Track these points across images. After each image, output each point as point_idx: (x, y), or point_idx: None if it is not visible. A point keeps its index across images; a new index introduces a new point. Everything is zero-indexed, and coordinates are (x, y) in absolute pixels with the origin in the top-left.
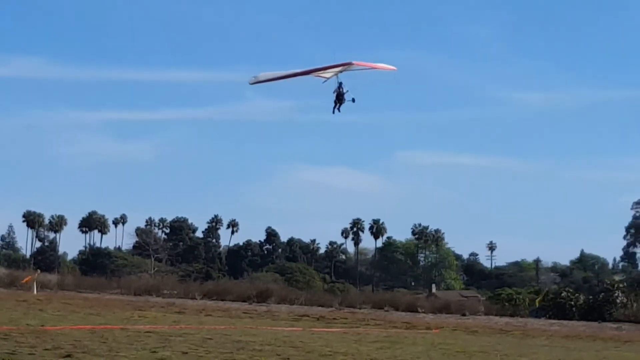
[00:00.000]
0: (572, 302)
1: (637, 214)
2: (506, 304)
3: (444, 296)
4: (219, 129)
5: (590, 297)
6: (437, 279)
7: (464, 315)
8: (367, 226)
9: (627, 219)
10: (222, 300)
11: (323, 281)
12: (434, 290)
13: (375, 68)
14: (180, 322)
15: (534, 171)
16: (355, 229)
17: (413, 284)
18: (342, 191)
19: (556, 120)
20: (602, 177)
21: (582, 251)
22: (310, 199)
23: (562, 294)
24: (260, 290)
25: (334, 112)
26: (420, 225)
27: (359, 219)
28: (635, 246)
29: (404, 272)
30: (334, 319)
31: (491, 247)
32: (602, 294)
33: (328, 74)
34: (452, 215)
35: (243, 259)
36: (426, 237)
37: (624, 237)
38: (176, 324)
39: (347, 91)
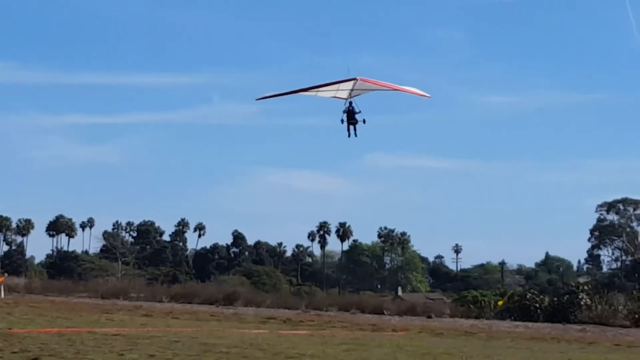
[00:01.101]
0: (537, 304)
1: (601, 217)
2: (471, 306)
3: (409, 298)
4: (186, 133)
5: (555, 299)
6: (403, 281)
7: (429, 317)
8: (333, 229)
9: (592, 221)
10: (189, 303)
11: (290, 284)
12: (399, 292)
13: (398, 90)
14: (147, 325)
15: (499, 174)
16: (321, 232)
17: (379, 286)
18: (309, 194)
19: (521, 123)
20: (567, 179)
21: (547, 253)
22: (277, 202)
23: (527, 296)
24: (227, 293)
25: (349, 136)
26: (386, 228)
27: (325, 222)
28: (599, 248)
29: (370, 274)
30: (301, 321)
31: (457, 250)
32: (567, 296)
33: (343, 94)
34: (418, 218)
35: (210, 262)
36: (392, 240)
37: (589, 240)
38: (143, 327)
39: (360, 112)
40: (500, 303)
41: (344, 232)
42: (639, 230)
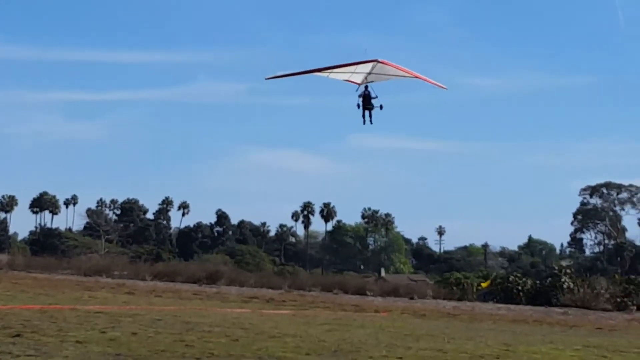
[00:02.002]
0: (520, 287)
1: (585, 200)
2: (454, 288)
3: (392, 280)
4: (171, 111)
5: (538, 281)
6: (386, 262)
7: (412, 298)
8: (317, 209)
9: (575, 204)
10: (172, 281)
11: (273, 264)
12: (383, 273)
13: (417, 77)
14: (130, 302)
15: (483, 156)
16: (305, 212)
17: (362, 267)
18: (293, 174)
19: (507, 105)
20: (551, 162)
21: (530, 236)
22: (261, 182)
23: (510, 279)
24: (210, 272)
25: (364, 123)
26: (370, 209)
27: (309, 202)
28: (582, 232)
29: (353, 255)
30: (283, 301)
31: (440, 232)
32: (549, 278)
33: (358, 77)
34: (402, 199)
35: (193, 240)
36: (376, 221)
37: (572, 223)
38: (126, 305)
39: (376, 96)
40: (484, 285)
41: (327, 213)
42: (622, 214)
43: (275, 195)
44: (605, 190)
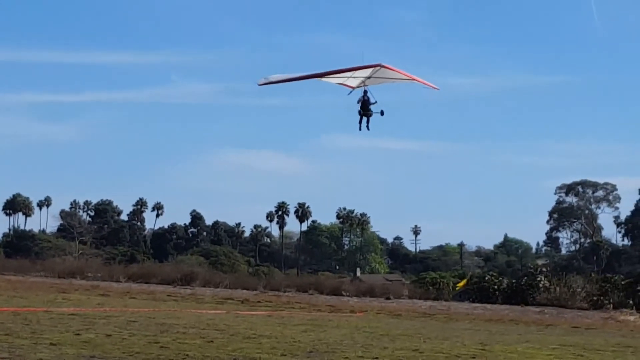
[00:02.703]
0: (496, 286)
1: (560, 199)
2: (430, 287)
3: (368, 280)
4: (145, 112)
5: (514, 281)
6: (361, 262)
7: (388, 298)
8: (292, 210)
9: (551, 203)
10: (147, 283)
11: (248, 264)
12: (358, 273)
13: (414, 80)
14: (104, 304)
15: (459, 155)
16: (280, 213)
17: (338, 267)
18: (268, 174)
19: (481, 104)
20: (526, 161)
21: (505, 235)
22: (236, 182)
23: (486, 278)
24: (184, 274)
25: (360, 129)
26: (345, 209)
27: (284, 203)
28: (558, 230)
29: (328, 255)
30: (259, 302)
31: (416, 231)
32: (525, 278)
33: (354, 81)
34: (377, 199)
35: (168, 242)
36: (351, 221)
37: (547, 222)
38: (100, 307)
39: (375, 102)
40: (460, 284)
41: (302, 213)
42: (598, 212)
43: (250, 196)
44: (581, 189)
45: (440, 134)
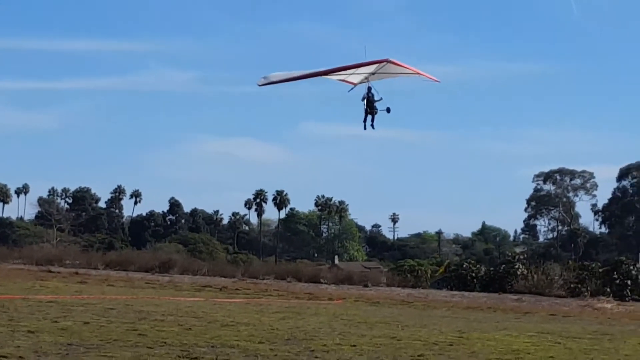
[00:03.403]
0: (474, 274)
1: (538, 187)
2: (408, 275)
3: (346, 267)
4: (123, 99)
5: (492, 268)
6: (339, 250)
7: (366, 286)
8: (270, 197)
9: (529, 191)
10: (125, 270)
11: (226, 252)
12: (336, 261)
13: (419, 74)
14: (82, 292)
15: (437, 143)
16: (258, 200)
17: (316, 255)
18: (246, 162)
19: (459, 92)
20: (505, 149)
21: (483, 223)
22: (214, 170)
23: (464, 266)
24: (162, 261)
25: (365, 128)
26: (323, 196)
27: (262, 190)
28: (536, 218)
29: (307, 243)
30: (237, 289)
31: (394, 219)
32: (503, 265)
33: (356, 78)
34: (355, 187)
35: (146, 229)
36: (329, 209)
37: (525, 210)
38: (78, 294)
39: (381, 99)
40: (441, 270)
41: (281, 201)
42: (575, 200)
43: (228, 184)
44: (558, 177)
45: (418, 122)
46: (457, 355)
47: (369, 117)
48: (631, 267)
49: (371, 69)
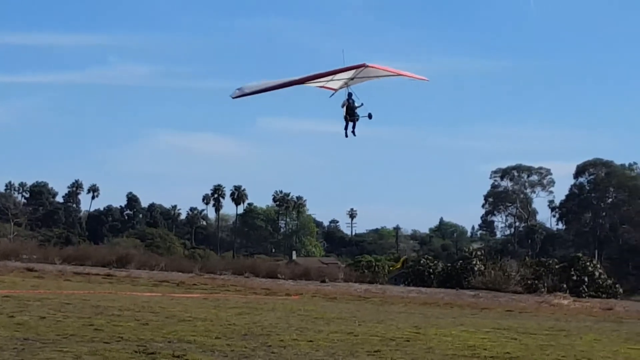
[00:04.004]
0: (431, 270)
1: (496, 183)
2: (365, 270)
3: (304, 263)
4: (82, 93)
5: (449, 264)
6: (297, 245)
7: (323, 282)
8: (228, 192)
9: (486, 187)
10: (82, 265)
11: (183, 247)
12: (294, 257)
13: (402, 75)
14: (39, 286)
15: (395, 139)
16: (216, 195)
17: (274, 250)
18: (204, 157)
19: (418, 88)
20: (462, 146)
21: (441, 219)
22: (172, 165)
23: (421, 262)
24: (120, 256)
25: (347, 135)
26: (281, 192)
27: (220, 185)
28: (493, 214)
29: (264, 238)
30: (194, 284)
31: (352, 215)
32: (460, 261)
33: (336, 83)
34: (313, 182)
35: (103, 224)
36: (287, 204)
37: (483, 206)
38: (35, 289)
39: (362, 104)
40: (397, 265)
41: (238, 196)
42: (533, 196)
43: (186, 179)
44: (515, 173)
45: (377, 118)
46: (413, 350)
47: (350, 124)
48: (587, 264)
49: (350, 74)
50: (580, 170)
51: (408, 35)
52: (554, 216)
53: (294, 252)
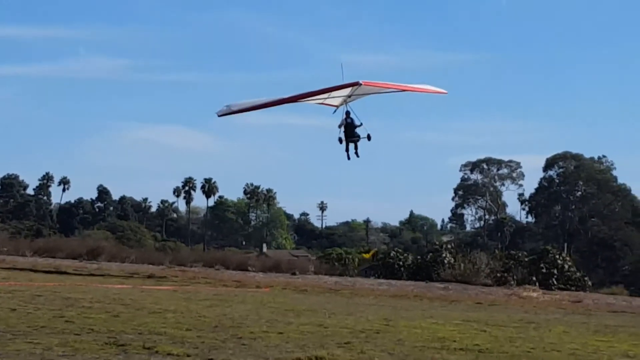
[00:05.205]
0: (401, 262)
1: (465, 176)
2: (336, 263)
3: (274, 255)
4: (52, 86)
5: (419, 257)
6: (268, 238)
7: (294, 274)
8: (199, 185)
9: (456, 180)
10: (53, 257)
11: (154, 239)
12: (264, 249)
13: (417, 91)
14: (9, 278)
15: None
16: (187, 188)
17: (244, 243)
18: (175, 150)
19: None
20: (432, 139)
21: (411, 212)
22: (143, 158)
23: (391, 254)
24: (91, 248)
25: (349, 157)
26: (252, 184)
27: (190, 178)
28: (463, 207)
29: (235, 231)
30: (164, 277)
31: (322, 207)
32: (430, 254)
33: (335, 100)
34: (283, 175)
35: (74, 216)
36: (258, 197)
37: (452, 199)
38: (5, 281)
39: (361, 124)
40: (366, 255)
41: (209, 188)
42: (502, 189)
43: (157, 171)
44: (485, 166)
45: None
46: (383, 342)
47: (351, 145)
48: (557, 257)
49: (346, 91)
50: (549, 164)
51: (380, 29)
52: (524, 209)
53: (264, 245)
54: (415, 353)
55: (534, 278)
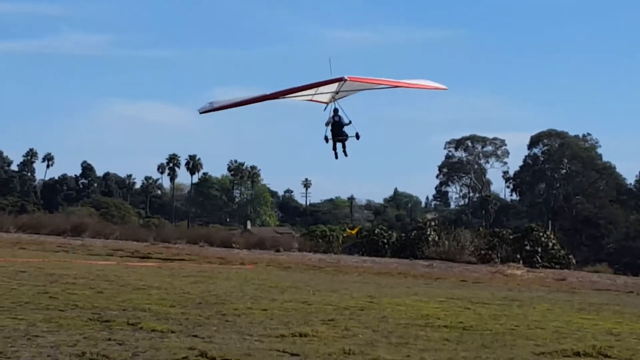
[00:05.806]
0: (385, 240)
1: (450, 154)
2: (320, 240)
3: (258, 232)
4: (35, 63)
5: (403, 234)
6: (252, 215)
7: (278, 251)
8: (183, 162)
9: (440, 158)
10: (37, 233)
11: (138, 216)
12: (249, 226)
13: (418, 87)
14: None
15: (347, 110)
16: (171, 165)
17: (228, 220)
18: (159, 126)
19: (369, 58)
20: (416, 116)
21: (395, 189)
22: (127, 134)
23: (375, 231)
24: (75, 225)
25: (336, 157)
26: (236, 161)
27: (175, 155)
28: (447, 185)
29: (219, 208)
30: (149, 253)
31: (306, 185)
32: (415, 231)
33: (323, 97)
34: (267, 152)
35: (58, 192)
36: (242, 174)
37: (437, 176)
38: None
39: (350, 122)
40: (352, 232)
41: (193, 165)
42: (487, 167)
43: (141, 148)
44: (470, 144)
45: None
46: (367, 319)
47: (339, 145)
48: (541, 234)
49: (333, 87)
50: (534, 141)
51: (358, 5)
52: (508, 187)
53: (248, 222)
54: (399, 330)
55: (518, 256)
